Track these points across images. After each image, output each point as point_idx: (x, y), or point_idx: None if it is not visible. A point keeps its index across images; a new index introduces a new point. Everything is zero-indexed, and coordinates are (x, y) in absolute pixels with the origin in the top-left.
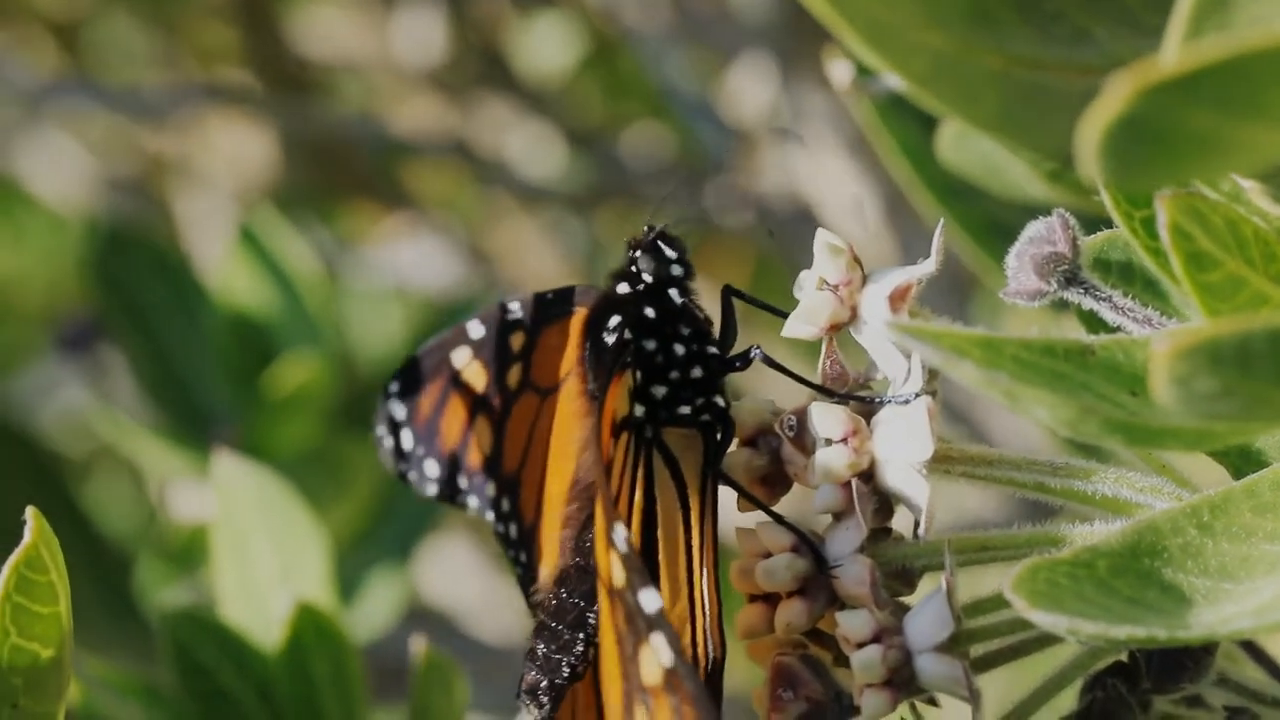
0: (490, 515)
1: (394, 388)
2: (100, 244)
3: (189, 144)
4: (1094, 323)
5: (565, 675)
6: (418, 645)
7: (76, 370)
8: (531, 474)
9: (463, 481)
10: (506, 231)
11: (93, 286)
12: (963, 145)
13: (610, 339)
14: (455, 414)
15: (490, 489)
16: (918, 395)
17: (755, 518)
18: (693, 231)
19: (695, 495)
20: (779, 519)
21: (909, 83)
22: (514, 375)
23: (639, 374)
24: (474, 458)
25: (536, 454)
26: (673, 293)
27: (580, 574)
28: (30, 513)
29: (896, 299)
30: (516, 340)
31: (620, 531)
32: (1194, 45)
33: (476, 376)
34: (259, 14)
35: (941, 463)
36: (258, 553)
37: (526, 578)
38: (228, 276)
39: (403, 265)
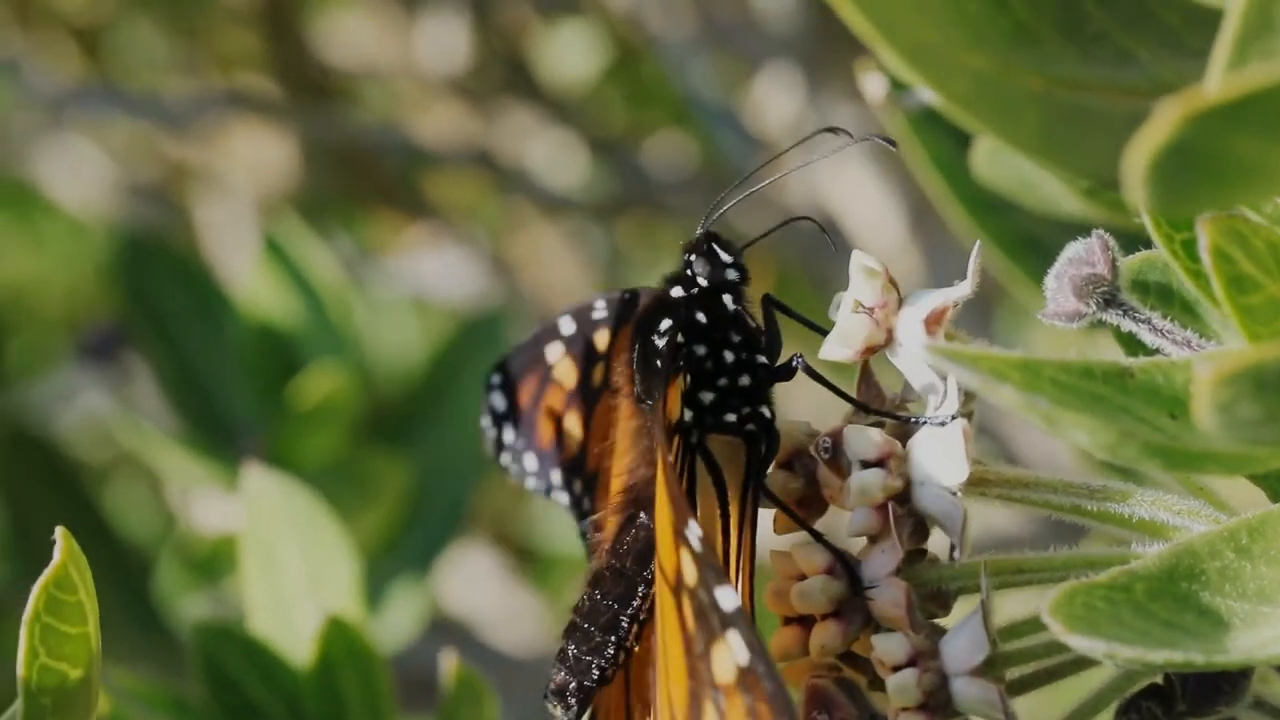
0: (575, 513)
1: (495, 379)
2: (123, 251)
3: (211, 151)
4: (1132, 344)
5: (595, 678)
6: (448, 661)
7: (99, 378)
8: (608, 472)
9: (555, 477)
10: (528, 240)
11: (115, 294)
12: (998, 160)
13: (661, 342)
14: (550, 409)
15: (577, 487)
16: (954, 417)
17: (790, 540)
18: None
19: (735, 504)
20: (818, 536)
21: (950, 103)
22: (598, 374)
23: (688, 378)
24: (565, 455)
25: (613, 451)
26: (726, 298)
27: (615, 576)
28: (60, 532)
29: (932, 322)
30: (601, 338)
31: (694, 529)
32: (1239, 72)
33: (567, 373)
34: (282, 20)
35: (977, 485)
36: (286, 565)
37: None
38: (252, 286)
39: (424, 275)
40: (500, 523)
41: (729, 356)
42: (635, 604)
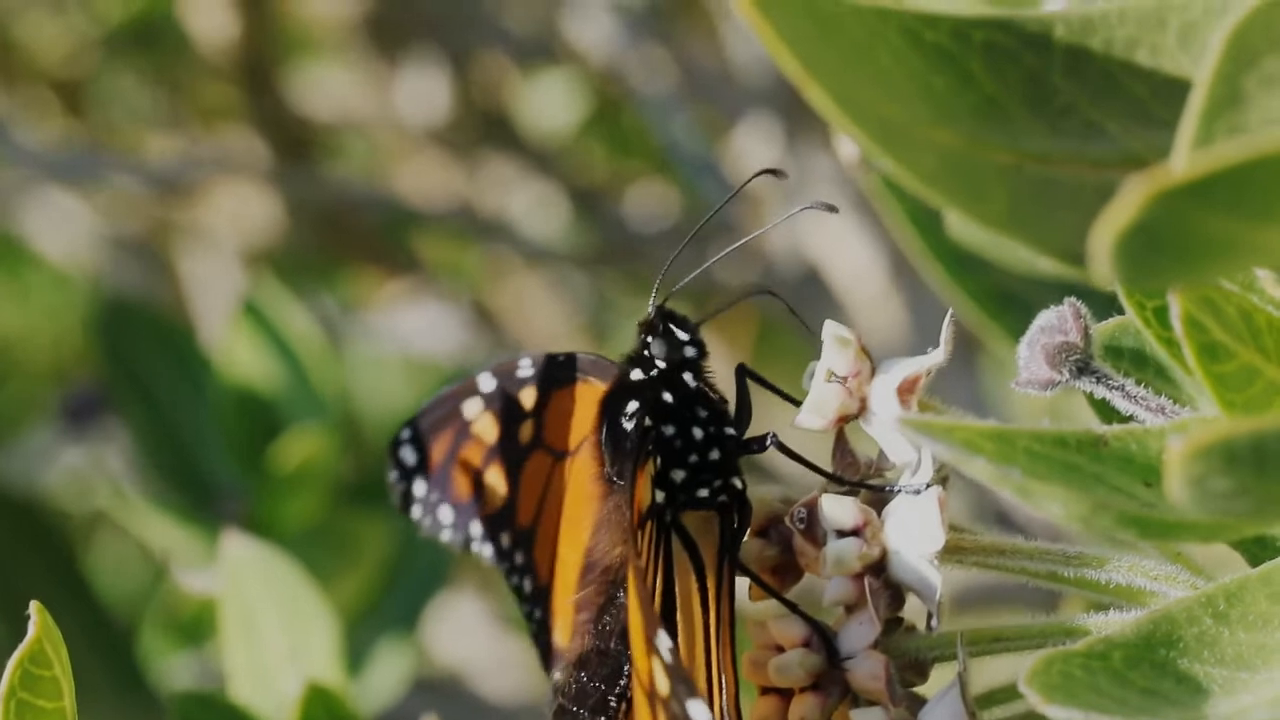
0: (503, 566)
1: (405, 434)
2: (104, 313)
3: (195, 206)
4: (1106, 410)
5: None
6: None
7: (81, 441)
8: (546, 532)
9: (475, 530)
10: (511, 291)
11: (96, 357)
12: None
13: (629, 425)
14: (468, 464)
15: (505, 540)
16: (928, 486)
17: (766, 609)
18: (703, 300)
19: (713, 578)
20: (794, 608)
21: (915, 180)
22: (526, 431)
23: (658, 459)
24: (487, 508)
25: (550, 514)
26: (687, 376)
27: (600, 658)
28: (34, 607)
29: (905, 390)
30: (527, 396)
31: (664, 640)
32: (1206, 149)
33: (488, 429)
34: (261, 74)
35: (953, 554)
36: (266, 632)
37: (540, 635)
38: (231, 349)
39: (408, 330)
40: (486, 569)
41: (697, 433)
42: (622, 683)
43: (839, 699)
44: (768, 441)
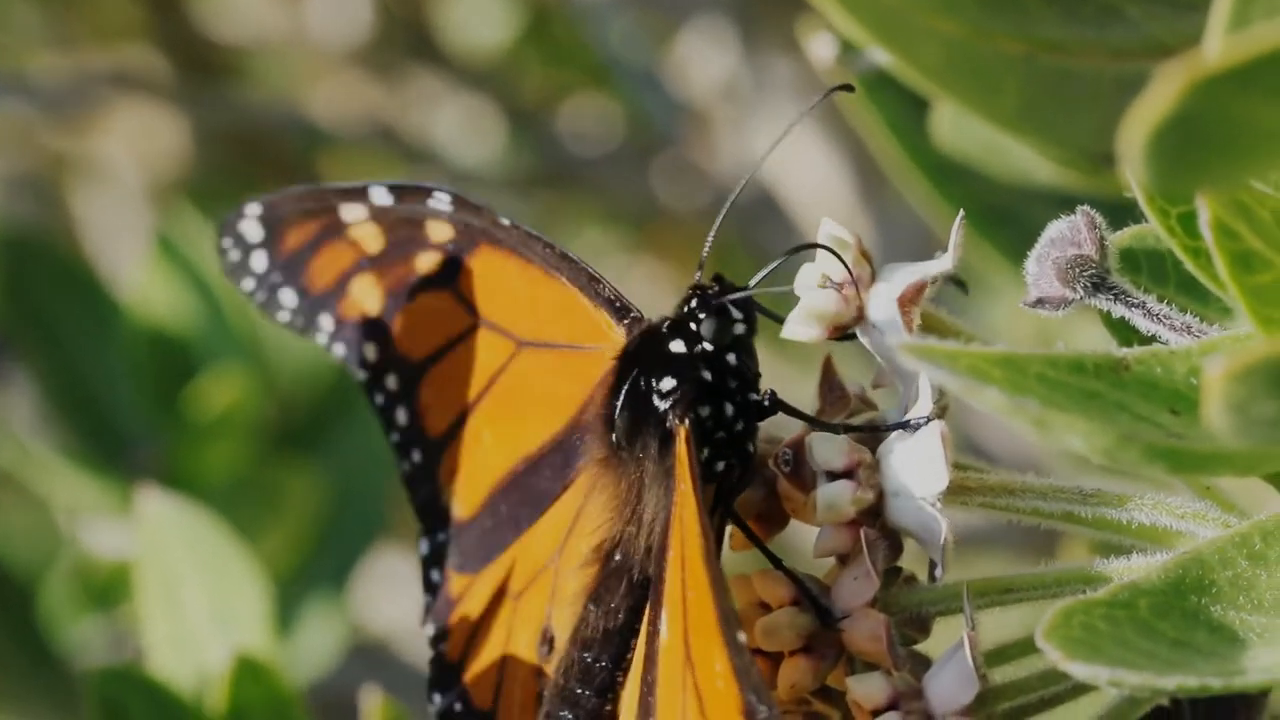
0: (363, 375)
1: (252, 210)
2: (1, 254)
3: (92, 136)
4: (1125, 331)
5: None
6: (371, 698)
7: None
8: (446, 381)
9: (325, 322)
10: None
11: None
12: (963, 126)
13: (661, 404)
14: (332, 260)
15: (370, 352)
16: (928, 420)
17: (751, 561)
18: (645, 222)
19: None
20: (779, 563)
21: (919, 74)
22: (427, 263)
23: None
24: (348, 309)
25: (457, 370)
26: (731, 356)
27: (606, 636)
28: None
29: (908, 300)
30: (439, 231)
31: (742, 636)
32: (1244, 33)
33: (370, 238)
34: None
35: (958, 494)
36: (190, 599)
37: (418, 481)
38: (142, 285)
39: None
40: (416, 531)
41: (729, 409)
42: (628, 657)
43: (834, 661)
44: (765, 400)
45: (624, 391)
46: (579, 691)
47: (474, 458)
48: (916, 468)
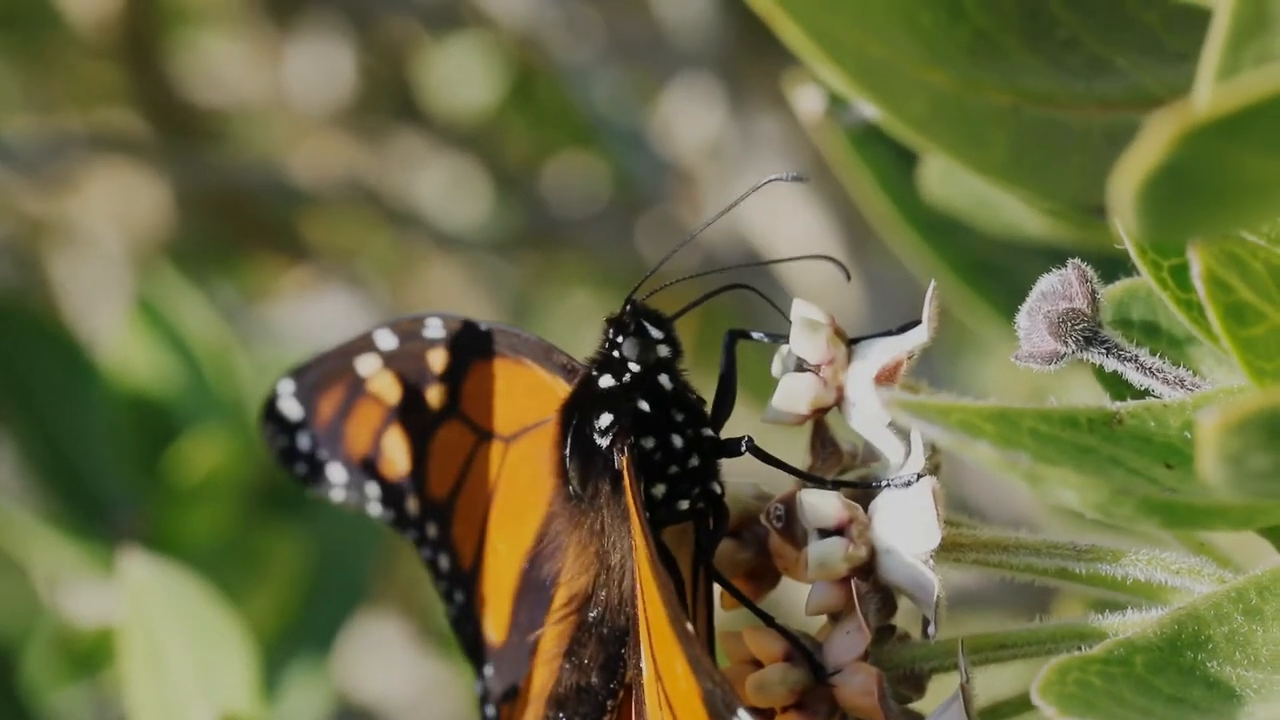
0: (410, 534)
1: (287, 387)
2: None
3: (70, 200)
4: (1117, 386)
5: None
6: None
7: None
8: (468, 511)
9: (373, 492)
10: (425, 281)
11: None
12: (952, 179)
13: (603, 441)
14: (364, 422)
15: (412, 507)
16: (920, 476)
17: (742, 619)
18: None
19: (688, 585)
20: (771, 621)
21: (905, 127)
22: (435, 396)
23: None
24: (388, 469)
25: (474, 493)
26: (663, 379)
27: (580, 695)
28: None
29: (886, 378)
30: (436, 359)
31: (720, 697)
32: (1234, 80)
33: (388, 388)
34: (142, 51)
35: (951, 551)
36: (174, 662)
37: (462, 621)
38: (122, 347)
39: (311, 323)
40: (406, 593)
41: (677, 441)
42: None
43: (827, 718)
44: (742, 447)
45: (569, 440)
46: None
47: (495, 577)
48: (909, 524)
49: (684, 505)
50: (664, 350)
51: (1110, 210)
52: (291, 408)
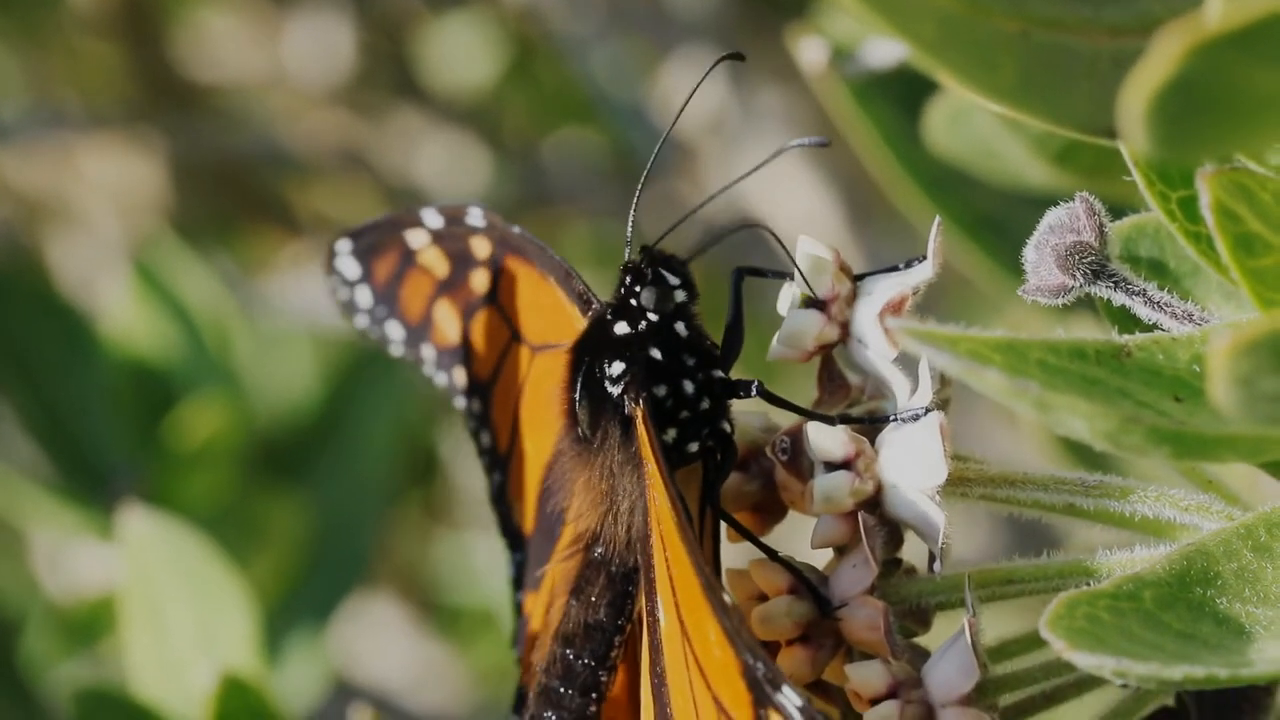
0: (459, 404)
1: (344, 245)
2: None
3: (67, 178)
4: (1125, 320)
5: None
6: (361, 713)
7: None
8: (503, 399)
9: (427, 352)
10: None
11: None
12: (957, 127)
13: (615, 389)
14: (416, 290)
15: (460, 378)
16: (927, 411)
17: (747, 553)
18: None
19: (697, 524)
20: (773, 555)
21: (917, 50)
22: (479, 281)
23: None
24: (439, 338)
25: (508, 383)
26: (679, 326)
27: (587, 632)
28: None
29: (891, 313)
30: (480, 247)
31: (791, 697)
32: None
33: (436, 262)
34: (142, 30)
35: (958, 486)
36: (175, 619)
37: (499, 500)
38: (121, 314)
39: (310, 296)
40: (404, 574)
41: (688, 386)
42: (612, 655)
43: (831, 652)
44: (753, 390)
45: (579, 383)
46: (562, 690)
47: (524, 471)
48: (915, 459)
49: (694, 447)
50: (680, 295)
51: (1119, 130)
52: (349, 266)
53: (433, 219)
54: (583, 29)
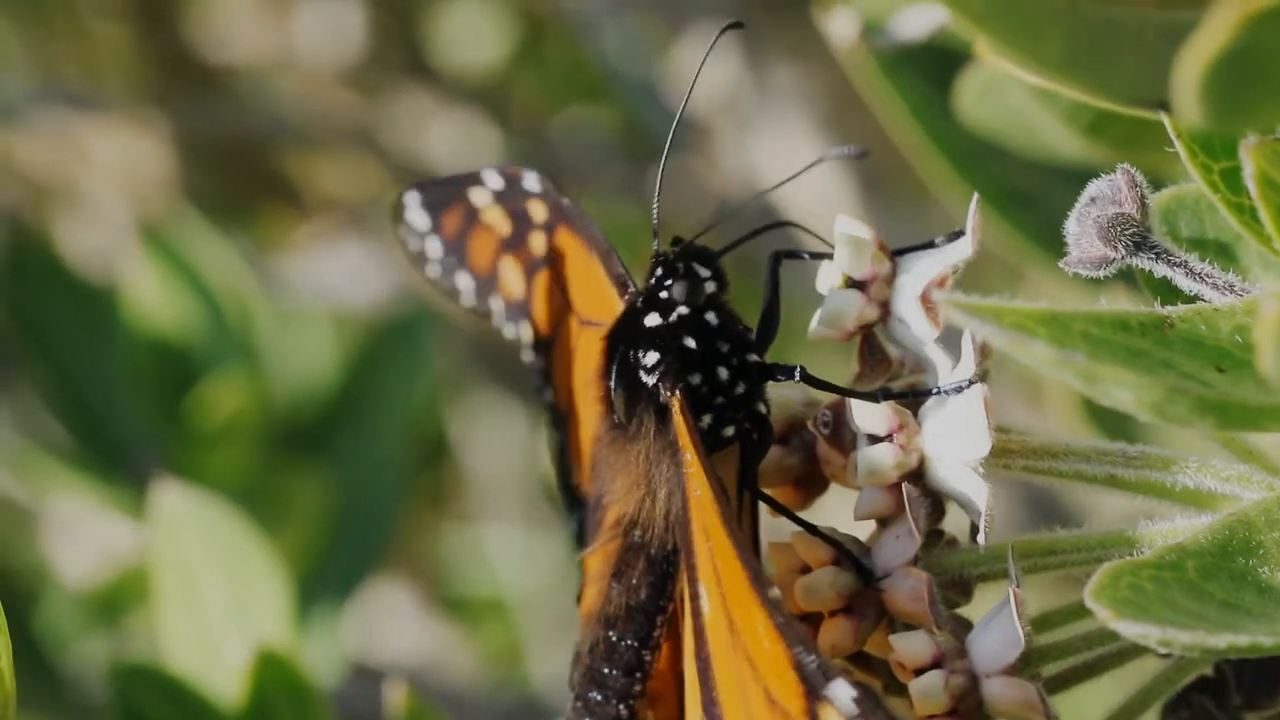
0: (527, 355)
1: (414, 198)
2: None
3: (76, 158)
4: (1167, 292)
5: (623, 717)
6: (396, 691)
7: None
8: (562, 362)
9: (495, 304)
10: None
11: None
12: (989, 99)
13: (650, 379)
14: (482, 245)
15: (526, 332)
16: (970, 383)
17: (790, 527)
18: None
19: (735, 504)
20: (813, 530)
21: (964, 21)
22: (538, 243)
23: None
24: (505, 292)
25: (564, 349)
26: (709, 316)
27: (630, 614)
28: None
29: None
30: (538, 210)
31: (844, 690)
32: None
33: (499, 221)
34: (152, 9)
35: (1000, 458)
36: (209, 593)
37: (560, 452)
38: (142, 292)
39: (325, 278)
40: (418, 561)
41: (723, 373)
42: (655, 635)
43: (874, 622)
44: (795, 374)
45: (613, 371)
46: (606, 671)
47: (580, 437)
48: (958, 431)
49: (730, 431)
50: (711, 287)
51: (1171, 100)
52: (419, 218)
53: (493, 179)
54: (594, 6)
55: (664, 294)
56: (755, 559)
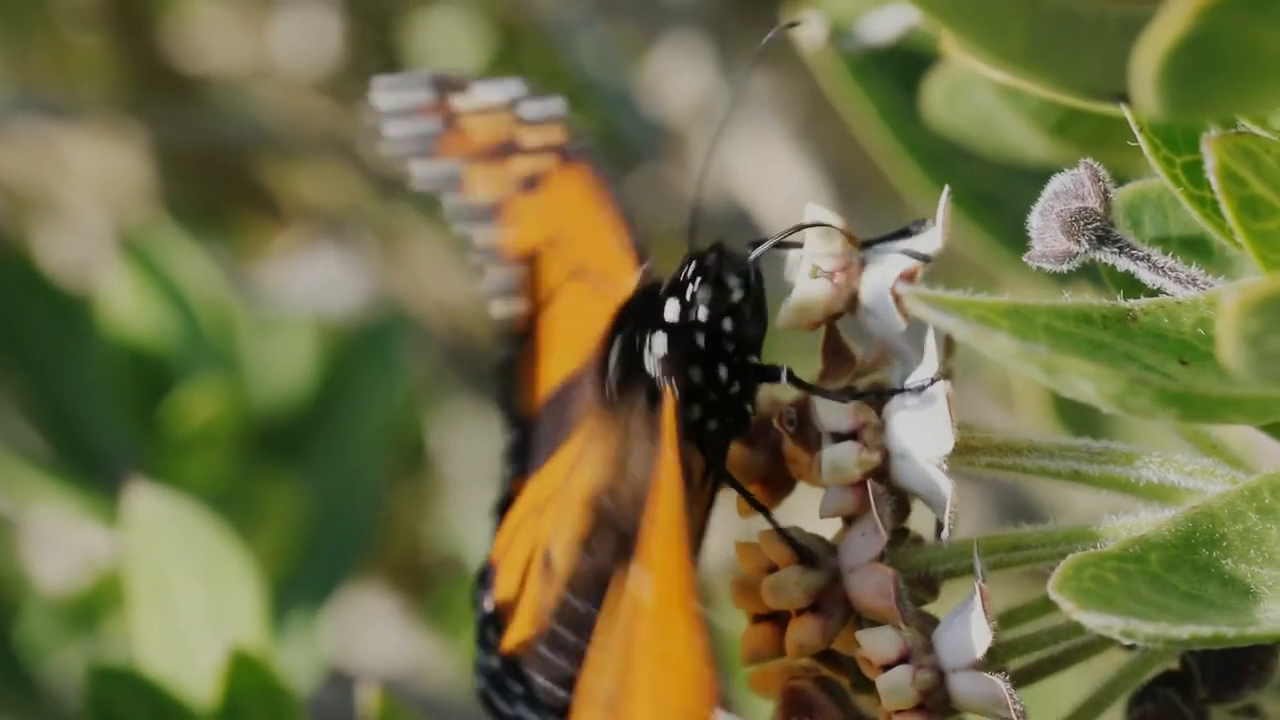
0: (472, 258)
1: (383, 82)
2: None
3: (47, 168)
4: (1129, 286)
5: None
6: (369, 694)
7: None
8: (537, 288)
9: (451, 200)
10: (418, 242)
11: None
12: (956, 100)
13: (652, 365)
14: (455, 143)
15: (487, 235)
16: (934, 380)
17: (755, 527)
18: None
19: (695, 490)
20: (780, 529)
21: (926, 13)
22: (523, 168)
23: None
24: (473, 190)
25: (542, 276)
26: (727, 321)
27: (595, 578)
28: None
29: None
30: (532, 136)
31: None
32: None
33: (480, 129)
34: (128, 18)
35: (964, 455)
36: (184, 597)
37: (504, 370)
38: (117, 300)
39: (303, 287)
40: (396, 568)
41: (722, 372)
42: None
43: (841, 620)
44: (782, 376)
45: (618, 346)
46: (568, 637)
47: (539, 362)
48: (922, 429)
49: (713, 425)
50: (737, 296)
51: (1130, 92)
52: (391, 98)
53: (486, 91)
54: (570, 15)
55: (690, 291)
56: (695, 567)
